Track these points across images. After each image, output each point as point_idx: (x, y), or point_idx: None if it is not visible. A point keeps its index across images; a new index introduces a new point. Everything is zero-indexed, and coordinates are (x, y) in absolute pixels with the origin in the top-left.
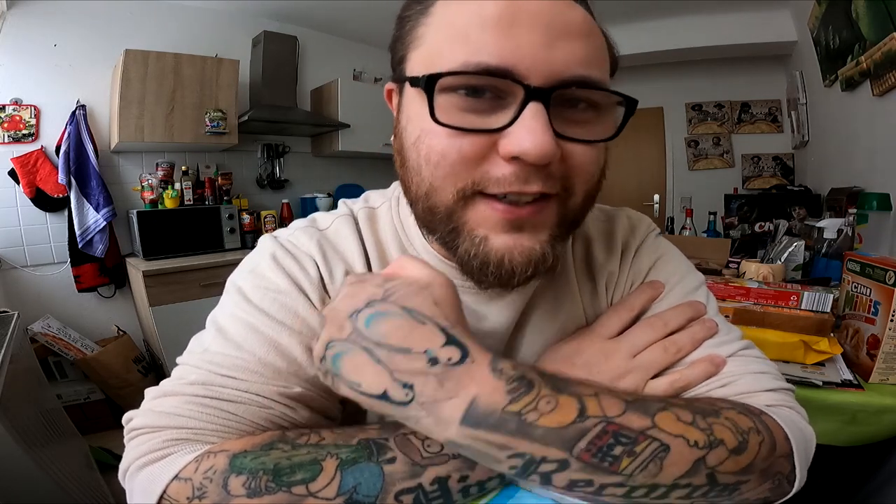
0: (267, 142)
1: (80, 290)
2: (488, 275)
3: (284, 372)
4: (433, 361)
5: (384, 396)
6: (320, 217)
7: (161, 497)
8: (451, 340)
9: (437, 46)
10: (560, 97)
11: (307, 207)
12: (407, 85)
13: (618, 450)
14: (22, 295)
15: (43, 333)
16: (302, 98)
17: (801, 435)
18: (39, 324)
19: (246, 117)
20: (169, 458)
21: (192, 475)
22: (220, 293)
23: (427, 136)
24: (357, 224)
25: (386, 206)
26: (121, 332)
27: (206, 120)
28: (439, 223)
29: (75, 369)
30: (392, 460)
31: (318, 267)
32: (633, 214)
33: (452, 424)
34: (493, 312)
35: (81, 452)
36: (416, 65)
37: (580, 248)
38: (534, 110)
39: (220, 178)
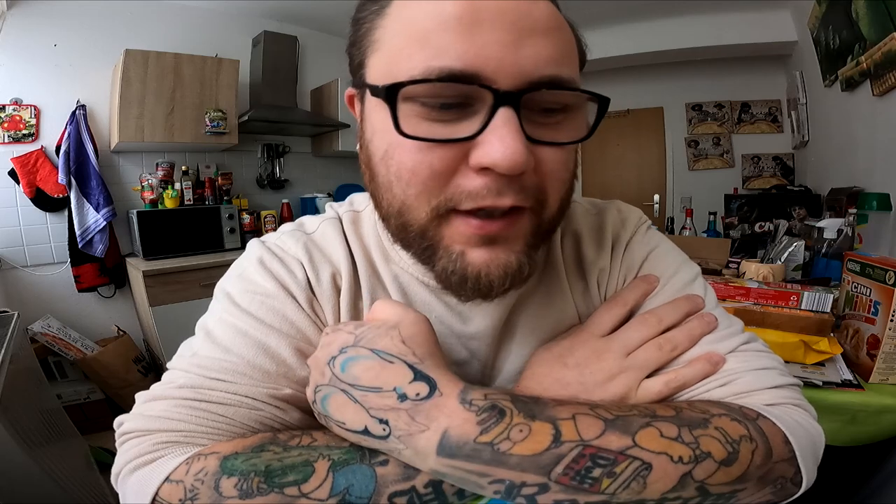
0: (267, 142)
1: (80, 290)
2: (467, 290)
3: (273, 374)
4: (402, 397)
5: (366, 432)
6: (307, 220)
7: (154, 499)
8: (418, 376)
9: (396, 50)
10: (530, 99)
11: (307, 207)
12: (370, 101)
13: (597, 472)
14: (22, 295)
15: (43, 333)
16: (302, 98)
17: (806, 434)
18: (39, 324)
19: (246, 117)
20: (160, 461)
21: (184, 477)
22: None
23: (395, 151)
24: (343, 227)
25: (369, 209)
26: (121, 332)
27: (206, 120)
28: (413, 240)
29: (75, 369)
30: (385, 462)
31: (304, 269)
32: (624, 207)
33: (430, 456)
34: (479, 314)
35: (81, 452)
36: (375, 71)
37: (570, 244)
38: (504, 116)
39: (220, 178)
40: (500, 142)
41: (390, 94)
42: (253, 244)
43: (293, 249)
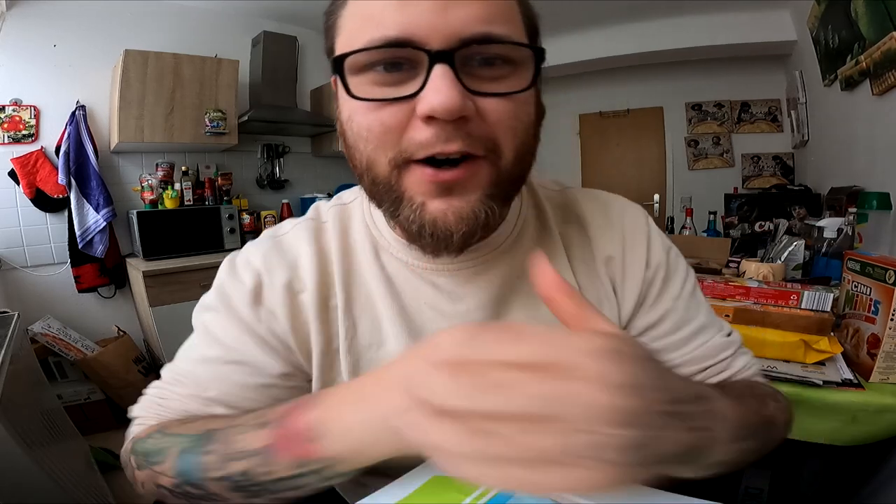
0: (267, 142)
1: (80, 291)
2: (426, 237)
3: (206, 379)
4: None
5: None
6: (286, 222)
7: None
8: None
9: (351, 31)
10: (468, 56)
11: (307, 207)
12: (337, 80)
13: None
14: (22, 295)
15: (43, 334)
16: (302, 98)
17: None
18: (40, 324)
19: (246, 117)
20: (129, 438)
21: (125, 451)
22: None
23: (355, 115)
24: (318, 235)
25: (357, 201)
26: (121, 333)
27: (206, 120)
28: (383, 195)
29: (75, 370)
30: (209, 452)
31: (257, 277)
32: (629, 202)
33: None
34: (470, 293)
35: (82, 453)
36: (338, 51)
37: (575, 229)
38: (439, 71)
39: (219, 179)
40: (435, 91)
41: (337, 64)
42: (224, 263)
43: (252, 258)
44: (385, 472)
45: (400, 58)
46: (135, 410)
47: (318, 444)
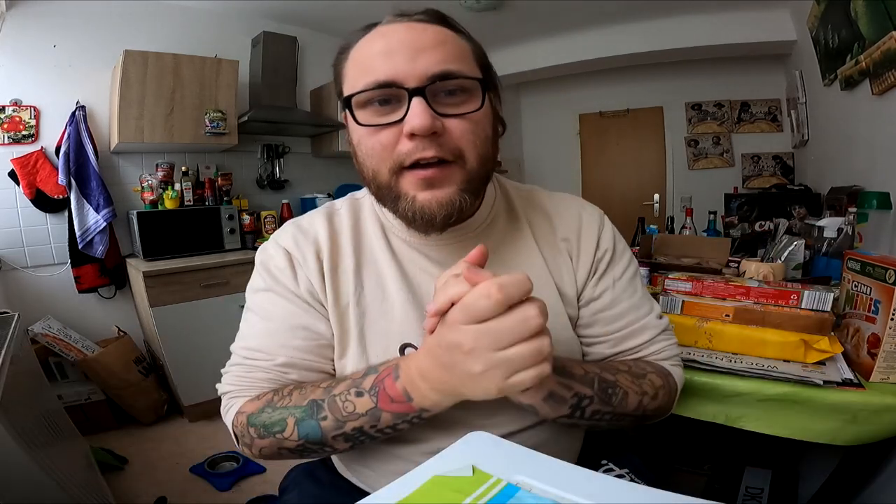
0: (267, 142)
1: (80, 291)
2: (418, 220)
3: (277, 344)
4: None
5: None
6: (304, 215)
7: (232, 430)
8: None
9: (353, 77)
10: (436, 90)
11: (307, 208)
12: (347, 114)
13: (609, 391)
14: (22, 296)
15: (43, 334)
16: (302, 98)
17: (682, 380)
18: (40, 325)
19: (246, 118)
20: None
21: (239, 425)
22: (221, 294)
23: (362, 139)
24: (331, 218)
25: (367, 197)
26: (121, 333)
27: (206, 120)
28: (386, 195)
29: (76, 370)
30: (325, 418)
31: (290, 255)
32: (589, 203)
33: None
34: (454, 263)
35: (82, 453)
36: (345, 93)
37: (542, 219)
38: (416, 102)
39: (219, 179)
40: (413, 116)
41: (346, 102)
42: (259, 252)
43: (282, 241)
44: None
45: (389, 95)
46: (223, 387)
47: (411, 403)
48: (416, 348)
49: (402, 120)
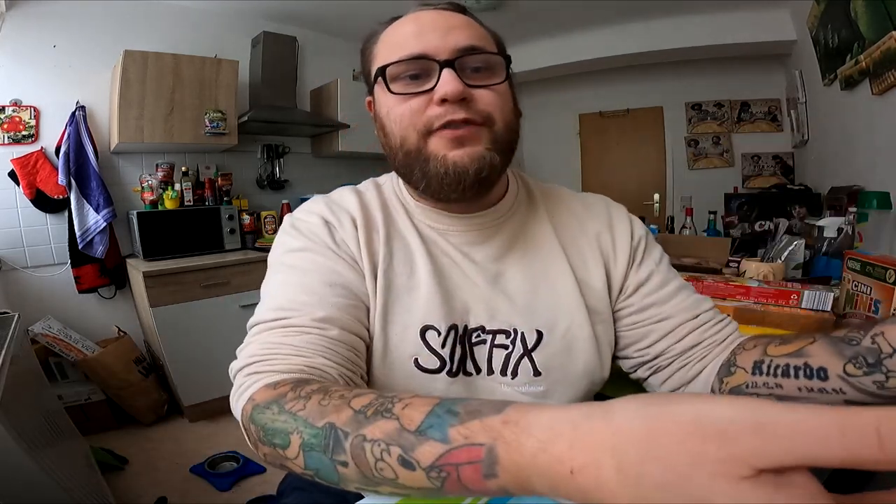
0: (267, 142)
1: (80, 291)
2: (450, 175)
3: (311, 303)
4: None
5: None
6: (334, 191)
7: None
8: None
9: (385, 55)
10: (463, 64)
11: None
12: (377, 89)
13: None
14: (22, 296)
15: (43, 334)
16: (302, 98)
17: None
18: (40, 325)
19: (245, 118)
20: (244, 394)
21: (244, 414)
22: (221, 294)
23: (392, 109)
24: (359, 193)
25: (389, 181)
26: (121, 333)
27: (206, 120)
28: (415, 161)
29: (76, 370)
30: (345, 464)
31: (327, 221)
32: (612, 201)
33: None
34: (476, 251)
35: (82, 453)
36: (378, 66)
37: (562, 210)
38: (446, 72)
39: (219, 179)
40: (445, 83)
41: (381, 71)
42: (287, 218)
43: (316, 208)
44: None
45: (420, 69)
46: (239, 362)
47: (495, 481)
48: (438, 332)
49: (432, 89)
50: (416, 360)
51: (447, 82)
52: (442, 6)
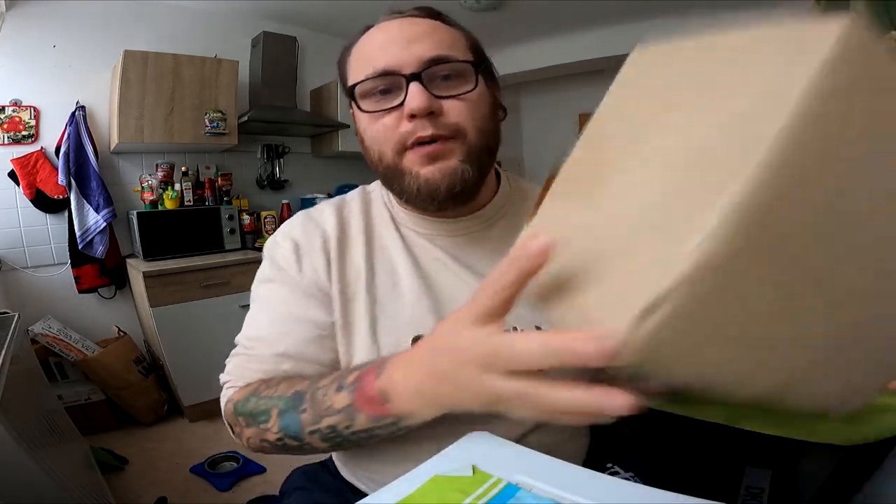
0: (267, 142)
1: (80, 291)
2: (423, 193)
3: (276, 333)
4: None
5: None
6: (317, 205)
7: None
8: None
9: (355, 70)
10: (431, 75)
11: (307, 207)
12: (353, 104)
13: None
14: (22, 296)
15: (43, 334)
16: (302, 98)
17: None
18: (40, 325)
19: (245, 118)
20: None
21: (227, 413)
22: (221, 294)
23: (368, 127)
24: (341, 208)
25: (378, 188)
26: (121, 333)
27: (206, 120)
28: (393, 175)
29: (76, 370)
30: (304, 411)
31: (296, 243)
32: None
33: None
34: (466, 254)
35: (82, 453)
36: (349, 83)
37: None
38: (413, 86)
39: (219, 179)
40: (411, 98)
41: (351, 91)
42: (269, 239)
43: (290, 230)
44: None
45: (389, 84)
46: (223, 376)
47: (389, 405)
48: None
49: (402, 104)
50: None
51: (413, 97)
52: (409, 13)
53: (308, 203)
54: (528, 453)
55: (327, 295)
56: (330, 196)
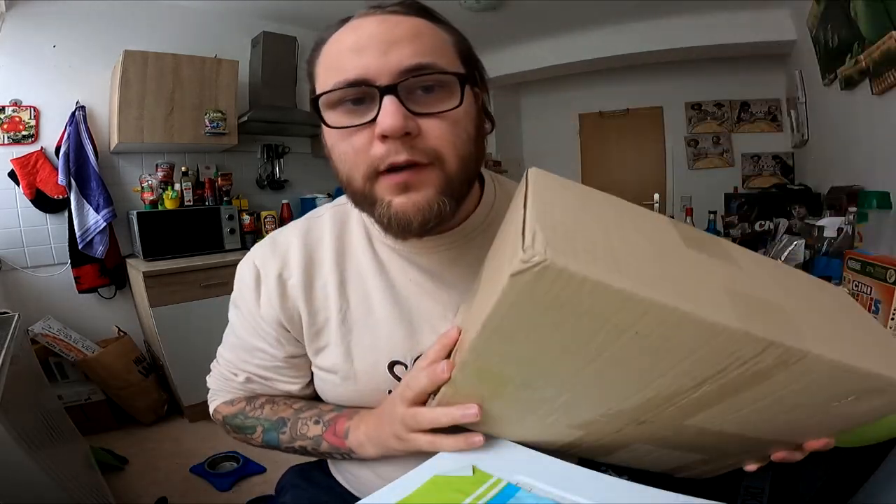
0: (267, 142)
1: (80, 291)
2: (394, 225)
3: (237, 360)
4: None
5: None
6: (286, 226)
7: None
8: None
9: (323, 78)
10: (410, 87)
11: (307, 208)
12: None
13: None
14: (22, 296)
15: (43, 334)
16: (302, 98)
17: None
18: (40, 325)
19: (245, 118)
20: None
21: (215, 415)
22: (221, 294)
23: (334, 144)
24: (309, 231)
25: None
26: (121, 333)
27: (206, 120)
28: (362, 201)
29: (76, 370)
30: (284, 433)
31: (257, 271)
32: None
33: None
34: (448, 271)
35: (82, 453)
36: (312, 101)
37: None
38: (387, 101)
39: (219, 179)
40: (385, 116)
41: (314, 104)
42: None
43: (253, 257)
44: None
45: (361, 94)
46: (209, 381)
47: (347, 441)
48: (405, 366)
49: (374, 120)
50: (391, 392)
51: (387, 114)
52: (391, 9)
53: (308, 203)
54: (528, 453)
55: (283, 328)
56: (330, 196)
